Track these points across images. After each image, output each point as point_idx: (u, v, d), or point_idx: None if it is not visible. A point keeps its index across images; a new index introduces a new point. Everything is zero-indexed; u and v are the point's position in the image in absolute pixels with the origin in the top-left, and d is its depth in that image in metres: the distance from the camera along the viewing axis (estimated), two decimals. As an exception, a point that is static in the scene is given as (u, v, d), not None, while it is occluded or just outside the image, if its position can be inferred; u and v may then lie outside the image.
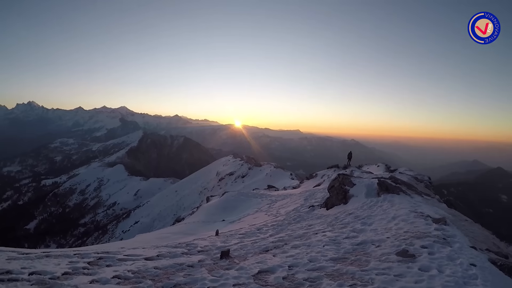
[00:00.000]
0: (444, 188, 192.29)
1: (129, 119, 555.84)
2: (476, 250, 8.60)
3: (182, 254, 10.65)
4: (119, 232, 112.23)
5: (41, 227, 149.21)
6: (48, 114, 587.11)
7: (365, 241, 9.87)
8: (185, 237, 20.56)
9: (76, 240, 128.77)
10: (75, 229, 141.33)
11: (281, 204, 29.03)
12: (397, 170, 38.65)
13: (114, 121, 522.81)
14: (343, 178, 21.18)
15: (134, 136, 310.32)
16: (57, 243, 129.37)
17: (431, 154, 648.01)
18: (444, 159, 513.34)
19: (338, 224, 13.59)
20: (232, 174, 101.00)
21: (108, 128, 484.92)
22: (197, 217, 32.91)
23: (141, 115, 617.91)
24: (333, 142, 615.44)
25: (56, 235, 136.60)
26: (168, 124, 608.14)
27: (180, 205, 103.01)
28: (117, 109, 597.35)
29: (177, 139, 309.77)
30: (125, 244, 17.46)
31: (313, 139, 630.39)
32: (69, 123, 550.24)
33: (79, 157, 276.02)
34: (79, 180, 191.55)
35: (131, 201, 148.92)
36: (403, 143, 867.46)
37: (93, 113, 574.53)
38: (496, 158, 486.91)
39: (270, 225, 18.00)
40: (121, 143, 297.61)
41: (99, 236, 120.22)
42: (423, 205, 14.23)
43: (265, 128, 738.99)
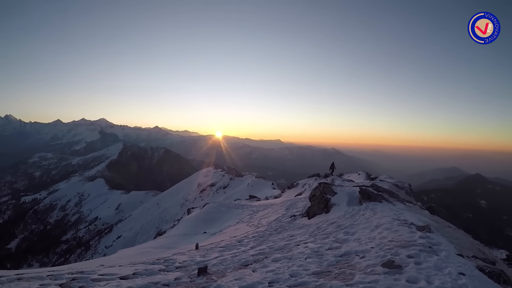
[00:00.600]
0: (424, 195, 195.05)
1: (108, 131, 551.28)
2: (463, 257, 8.28)
3: (159, 271, 10.29)
4: (102, 247, 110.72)
5: (22, 246, 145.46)
6: (26, 128, 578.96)
7: (348, 252, 9.47)
8: (166, 251, 20.38)
9: (59, 257, 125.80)
10: (57, 247, 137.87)
11: (263, 214, 28.75)
12: (378, 177, 38.69)
13: (93, 134, 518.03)
14: (324, 187, 20.89)
15: (114, 148, 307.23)
16: (40, 261, 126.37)
17: (410, 161, 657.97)
18: (423, 166, 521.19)
19: (320, 234, 13.21)
20: (213, 185, 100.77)
21: (88, 141, 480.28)
22: (178, 230, 32.52)
23: (120, 127, 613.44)
24: (313, 151, 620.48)
25: (39, 254, 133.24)
26: (148, 136, 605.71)
27: (163, 217, 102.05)
28: (96, 121, 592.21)
29: (158, 151, 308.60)
30: (105, 261, 17.11)
31: (294, 148, 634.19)
32: (47, 137, 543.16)
33: (58, 171, 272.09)
34: (59, 195, 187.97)
35: (113, 216, 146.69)
36: (382, 151, 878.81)
37: (72, 126, 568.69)
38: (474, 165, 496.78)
39: (251, 237, 17.64)
40: (101, 156, 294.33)
41: (82, 253, 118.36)
42: (406, 213, 13.96)
43: (245, 138, 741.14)
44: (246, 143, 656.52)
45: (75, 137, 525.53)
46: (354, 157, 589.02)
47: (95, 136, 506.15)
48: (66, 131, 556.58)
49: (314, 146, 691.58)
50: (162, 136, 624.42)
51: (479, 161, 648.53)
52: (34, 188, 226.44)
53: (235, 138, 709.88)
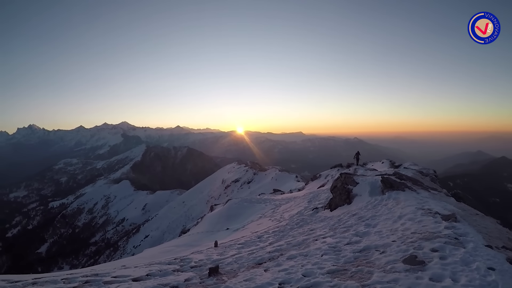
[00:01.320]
0: (450, 181, 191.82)
1: (131, 134, 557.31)
2: (492, 249, 7.58)
3: (173, 271, 10.06)
4: (130, 247, 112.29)
5: (52, 249, 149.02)
6: (49, 136, 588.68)
7: (368, 247, 8.84)
8: (188, 249, 20.45)
9: (89, 259, 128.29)
10: (86, 249, 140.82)
11: (285, 208, 28.48)
12: (402, 165, 37.96)
13: (116, 137, 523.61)
14: (346, 177, 20.28)
15: (137, 150, 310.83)
16: (70, 264, 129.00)
17: (435, 147, 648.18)
18: (448, 152, 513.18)
19: (340, 227, 12.65)
20: (237, 181, 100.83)
21: (111, 145, 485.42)
22: (202, 227, 32.41)
23: (142, 129, 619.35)
24: (336, 141, 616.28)
25: (68, 256, 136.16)
26: (170, 136, 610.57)
27: (188, 215, 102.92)
28: (118, 125, 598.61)
29: (180, 150, 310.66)
30: (127, 262, 17.29)
31: (316, 140, 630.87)
32: (71, 143, 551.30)
33: (84, 176, 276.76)
34: (86, 199, 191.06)
35: (140, 216, 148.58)
36: (406, 138, 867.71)
37: (95, 131, 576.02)
38: (500, 148, 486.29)
39: (271, 232, 17.28)
40: (124, 159, 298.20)
41: (110, 254, 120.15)
42: (430, 201, 13.29)
43: (267, 133, 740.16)
44: (268, 137, 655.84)
45: (98, 141, 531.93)
46: (378, 146, 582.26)
47: (118, 140, 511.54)
48: (89, 137, 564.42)
49: (337, 137, 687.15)
50: (184, 135, 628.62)
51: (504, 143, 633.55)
52: (61, 193, 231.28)
53: (257, 133, 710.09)
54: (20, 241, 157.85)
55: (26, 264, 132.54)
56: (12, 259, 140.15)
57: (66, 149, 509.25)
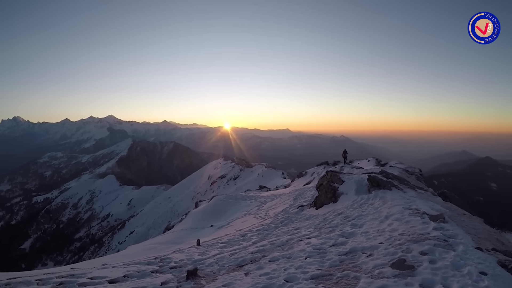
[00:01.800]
0: (435, 179, 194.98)
1: (117, 128, 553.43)
2: (482, 251, 7.27)
3: (151, 272, 9.69)
4: (115, 243, 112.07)
5: (36, 245, 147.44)
6: (34, 129, 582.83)
7: (354, 249, 8.47)
8: (171, 246, 20.32)
9: (73, 255, 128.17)
10: (70, 245, 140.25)
11: (271, 205, 28.29)
12: (388, 163, 38.07)
13: (102, 131, 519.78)
14: (332, 175, 20.00)
15: (123, 145, 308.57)
16: (54, 260, 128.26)
17: (420, 146, 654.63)
18: (433, 151, 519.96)
19: (325, 227, 12.33)
20: (224, 177, 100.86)
21: (97, 139, 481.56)
22: (186, 224, 32.21)
23: (129, 123, 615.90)
24: (322, 139, 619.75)
25: (52, 253, 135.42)
26: (157, 131, 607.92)
27: (174, 211, 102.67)
28: (104, 119, 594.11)
29: (167, 145, 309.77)
30: (109, 259, 17.06)
31: (303, 137, 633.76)
32: (56, 136, 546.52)
33: (69, 170, 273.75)
34: (70, 194, 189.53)
35: (125, 211, 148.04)
36: (392, 137, 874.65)
37: (80, 124, 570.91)
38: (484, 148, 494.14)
39: (255, 230, 16.94)
40: (110, 153, 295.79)
41: (95, 250, 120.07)
42: (418, 200, 13.06)
43: (254, 129, 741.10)
44: (255, 133, 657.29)
45: (84, 135, 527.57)
46: (364, 144, 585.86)
47: (104, 133, 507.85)
48: (74, 130, 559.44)
49: (323, 134, 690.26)
50: (171, 130, 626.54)
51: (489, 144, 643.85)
52: (46, 187, 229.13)
53: (244, 129, 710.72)
54: (3, 237, 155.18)
55: (9, 260, 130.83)
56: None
57: (51, 142, 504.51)
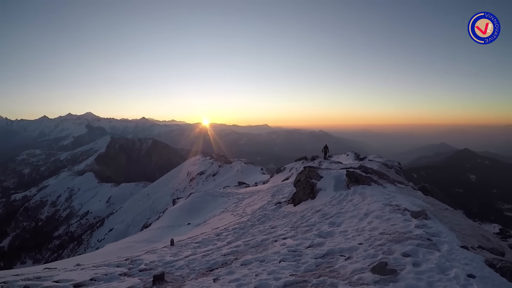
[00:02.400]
0: (414, 172, 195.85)
1: (95, 125, 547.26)
2: (468, 250, 6.79)
3: (119, 275, 9.24)
4: (95, 241, 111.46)
5: (15, 243, 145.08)
6: (12, 126, 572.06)
7: (332, 251, 7.89)
8: (147, 245, 20.10)
9: (52, 253, 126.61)
10: (50, 243, 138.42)
11: (248, 202, 28.04)
12: (367, 157, 38.01)
13: (80, 128, 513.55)
14: (309, 171, 19.57)
15: (101, 142, 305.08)
16: (33, 258, 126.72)
17: (399, 140, 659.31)
18: (412, 144, 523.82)
19: (303, 225, 11.81)
20: (202, 174, 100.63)
21: (75, 136, 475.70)
22: (163, 222, 31.87)
23: (107, 120, 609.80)
24: (301, 134, 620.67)
25: (31, 251, 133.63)
26: (135, 128, 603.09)
27: (154, 208, 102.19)
28: (82, 116, 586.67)
29: (146, 142, 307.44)
30: (83, 259, 16.79)
31: (282, 132, 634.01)
32: (34, 134, 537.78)
33: (47, 167, 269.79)
34: (49, 191, 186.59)
35: (104, 209, 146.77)
36: (371, 131, 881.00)
37: (59, 121, 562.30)
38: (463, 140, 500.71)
39: (231, 229, 16.43)
40: (89, 150, 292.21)
41: (74, 247, 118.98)
42: (398, 196, 12.62)
43: (233, 125, 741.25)
44: (233, 129, 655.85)
45: (62, 132, 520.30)
46: (343, 138, 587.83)
47: (82, 131, 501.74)
48: (53, 127, 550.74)
49: (302, 129, 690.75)
50: (149, 127, 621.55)
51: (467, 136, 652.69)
52: (24, 185, 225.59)
53: (222, 125, 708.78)
54: None
55: None
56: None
57: (29, 140, 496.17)
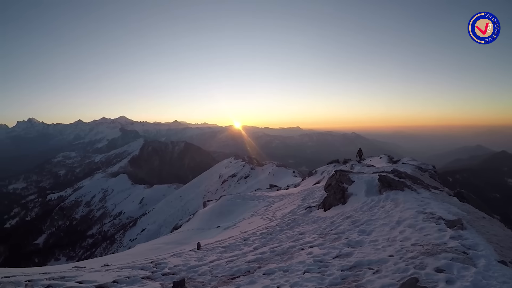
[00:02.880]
0: (449, 176, 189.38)
1: (129, 128, 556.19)
2: (507, 265, 6.23)
3: (142, 278, 9.00)
4: (127, 240, 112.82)
5: (49, 241, 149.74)
6: (48, 130, 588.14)
7: (360, 263, 7.43)
8: (177, 247, 20.06)
9: (85, 251, 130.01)
10: (83, 241, 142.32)
11: (278, 206, 27.72)
12: (400, 160, 37.03)
13: (114, 132, 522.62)
14: (341, 175, 19.10)
15: (135, 145, 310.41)
16: (67, 255, 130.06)
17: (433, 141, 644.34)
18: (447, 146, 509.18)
19: (331, 233, 11.37)
20: (234, 176, 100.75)
21: (109, 139, 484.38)
22: (193, 224, 32.07)
23: (140, 123, 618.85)
24: (333, 136, 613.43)
25: (65, 248, 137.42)
26: (168, 131, 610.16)
27: (185, 210, 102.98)
28: (116, 119, 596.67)
29: (178, 144, 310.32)
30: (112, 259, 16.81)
31: (314, 135, 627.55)
32: (70, 137, 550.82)
33: (82, 169, 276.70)
34: (84, 192, 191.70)
35: (137, 210, 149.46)
36: (404, 133, 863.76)
37: (93, 125, 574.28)
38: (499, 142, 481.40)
39: (259, 234, 16.06)
40: (122, 153, 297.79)
41: (107, 246, 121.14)
42: (432, 203, 12.00)
43: (264, 127, 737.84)
44: (265, 132, 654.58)
45: (96, 135, 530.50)
46: (375, 140, 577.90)
47: (116, 134, 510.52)
48: (87, 130, 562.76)
49: (334, 132, 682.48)
50: (182, 130, 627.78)
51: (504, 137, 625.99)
52: (60, 186, 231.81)
53: (254, 128, 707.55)
54: (18, 232, 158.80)
55: (24, 254, 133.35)
56: (9, 249, 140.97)
57: (64, 143, 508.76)
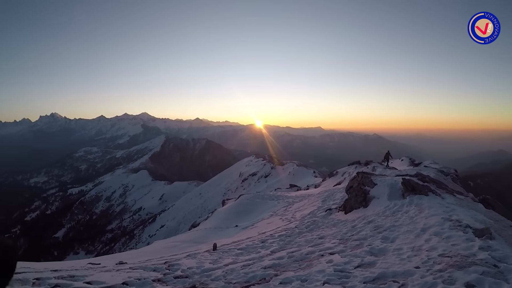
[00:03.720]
0: (471, 180, 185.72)
1: (150, 124, 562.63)
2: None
3: (153, 281, 8.71)
4: (146, 236, 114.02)
5: (69, 235, 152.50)
6: (71, 125, 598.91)
7: (384, 275, 6.94)
8: (193, 246, 20.17)
9: (104, 246, 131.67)
10: (102, 236, 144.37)
11: (298, 206, 27.43)
12: (422, 163, 36.59)
13: (136, 128, 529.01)
14: (363, 177, 18.66)
15: (156, 141, 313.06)
16: (86, 249, 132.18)
17: (455, 145, 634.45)
18: (468, 150, 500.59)
19: (353, 238, 10.94)
20: (255, 175, 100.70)
21: (131, 135, 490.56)
22: (211, 222, 31.96)
23: (162, 120, 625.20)
24: (355, 137, 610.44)
25: (84, 242, 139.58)
26: (189, 128, 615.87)
27: (205, 207, 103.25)
28: (138, 116, 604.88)
29: (199, 142, 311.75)
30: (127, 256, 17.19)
31: (335, 135, 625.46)
32: (92, 132, 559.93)
33: (103, 164, 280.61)
34: (104, 187, 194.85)
35: (156, 206, 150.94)
36: (425, 135, 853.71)
37: (115, 121, 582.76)
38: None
39: (277, 236, 15.75)
40: (144, 149, 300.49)
41: (126, 241, 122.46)
42: (458, 209, 11.52)
43: (286, 127, 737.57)
44: (286, 131, 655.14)
45: (118, 131, 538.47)
46: (397, 143, 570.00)
47: (138, 130, 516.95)
48: (109, 126, 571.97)
49: (356, 132, 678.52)
50: (203, 127, 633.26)
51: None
52: (80, 180, 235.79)
53: (276, 127, 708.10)
54: (38, 225, 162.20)
55: (43, 247, 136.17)
56: (29, 242, 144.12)
57: (86, 138, 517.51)
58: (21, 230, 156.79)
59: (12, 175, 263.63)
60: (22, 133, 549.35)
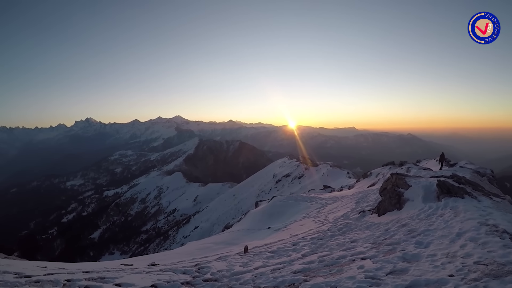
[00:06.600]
0: (507, 181, 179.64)
1: (184, 127, 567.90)
2: None
3: (182, 284, 8.72)
4: (180, 237, 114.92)
5: (105, 236, 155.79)
6: (105, 129, 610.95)
7: (416, 283, 6.61)
8: (225, 247, 20.08)
9: (139, 246, 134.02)
10: (137, 236, 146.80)
11: (331, 208, 27.15)
12: (457, 164, 35.79)
13: (169, 131, 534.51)
14: (397, 178, 18.32)
15: (190, 143, 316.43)
16: (121, 250, 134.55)
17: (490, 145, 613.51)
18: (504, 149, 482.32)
19: (386, 242, 10.67)
20: (288, 176, 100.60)
21: (165, 138, 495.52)
22: (244, 224, 32.01)
23: (195, 123, 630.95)
24: (389, 137, 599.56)
25: (120, 243, 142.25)
26: (223, 130, 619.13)
27: (239, 208, 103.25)
28: (172, 119, 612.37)
29: (233, 144, 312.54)
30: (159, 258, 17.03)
31: (369, 135, 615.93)
32: (126, 136, 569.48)
33: (138, 167, 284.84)
34: (139, 189, 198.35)
35: (191, 207, 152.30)
36: (460, 135, 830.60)
37: (149, 124, 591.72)
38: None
39: (309, 239, 15.64)
40: (178, 152, 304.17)
41: (160, 242, 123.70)
42: (495, 213, 11.08)
43: (319, 127, 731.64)
44: (320, 132, 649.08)
45: (152, 134, 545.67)
46: (432, 142, 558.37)
47: (172, 133, 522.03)
48: (143, 130, 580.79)
49: (390, 132, 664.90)
50: (237, 129, 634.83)
51: None
52: (116, 183, 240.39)
53: (309, 128, 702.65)
54: (74, 226, 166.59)
55: (79, 248, 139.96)
56: (66, 242, 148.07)
57: (121, 142, 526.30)
58: (58, 232, 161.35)
59: (49, 179, 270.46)
60: (58, 138, 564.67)
